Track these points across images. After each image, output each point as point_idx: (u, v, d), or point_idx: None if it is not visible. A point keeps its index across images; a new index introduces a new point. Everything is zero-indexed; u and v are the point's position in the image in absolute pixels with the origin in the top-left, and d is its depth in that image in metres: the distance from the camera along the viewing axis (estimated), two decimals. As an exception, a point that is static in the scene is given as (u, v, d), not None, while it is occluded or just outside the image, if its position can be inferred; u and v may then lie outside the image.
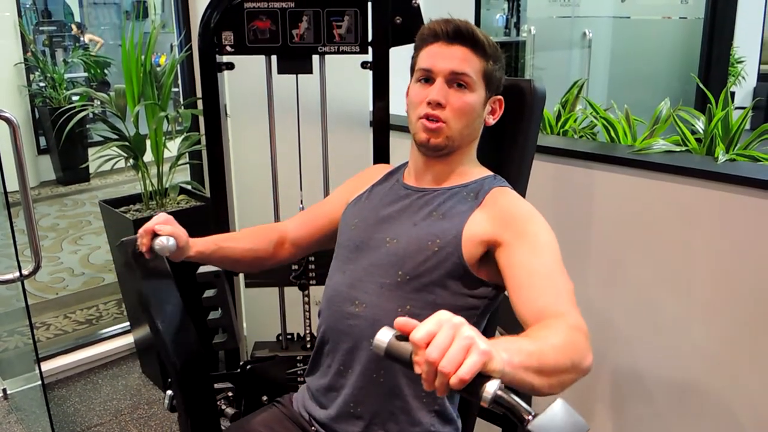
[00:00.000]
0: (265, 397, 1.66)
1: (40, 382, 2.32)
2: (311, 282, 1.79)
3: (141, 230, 1.33)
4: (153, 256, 1.33)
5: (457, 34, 1.26)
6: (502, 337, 0.92)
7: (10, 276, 1.86)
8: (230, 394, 1.61)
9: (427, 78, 1.27)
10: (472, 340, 0.77)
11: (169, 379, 1.46)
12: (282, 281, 1.81)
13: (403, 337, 0.81)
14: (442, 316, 0.80)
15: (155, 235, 1.31)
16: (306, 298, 1.82)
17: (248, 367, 1.70)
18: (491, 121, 1.33)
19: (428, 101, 1.25)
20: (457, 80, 1.25)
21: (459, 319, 0.80)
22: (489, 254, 1.23)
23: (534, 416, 0.76)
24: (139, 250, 1.34)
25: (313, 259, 1.77)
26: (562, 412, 0.76)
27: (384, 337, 0.82)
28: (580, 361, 0.96)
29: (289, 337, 1.86)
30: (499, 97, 1.33)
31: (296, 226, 1.55)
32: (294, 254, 1.56)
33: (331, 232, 1.48)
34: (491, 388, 0.76)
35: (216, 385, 1.59)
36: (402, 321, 0.81)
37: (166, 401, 1.47)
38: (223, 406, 1.58)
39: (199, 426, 1.43)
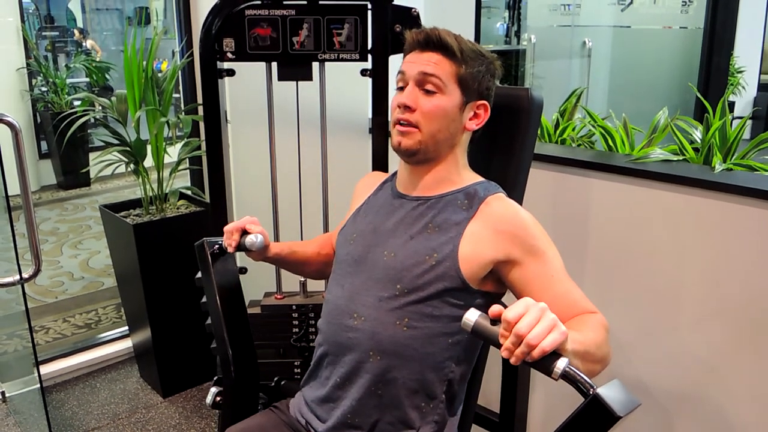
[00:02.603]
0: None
1: (38, 386, 2.33)
2: (312, 344, 1.81)
3: (230, 227, 1.39)
4: (235, 251, 1.40)
5: (427, 41, 1.28)
6: None
7: (10, 279, 1.87)
8: (262, 401, 1.64)
9: (402, 85, 1.30)
10: (555, 321, 0.93)
11: (216, 377, 1.54)
12: (284, 344, 1.85)
13: (490, 319, 0.97)
14: (529, 301, 0.94)
15: (244, 232, 1.37)
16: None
17: (282, 382, 1.78)
18: (473, 126, 1.32)
19: (398, 104, 1.28)
20: (426, 82, 1.26)
21: (543, 304, 0.94)
22: (493, 270, 1.25)
23: (595, 388, 0.89)
24: (218, 250, 1.42)
25: (313, 321, 1.80)
26: (619, 388, 0.90)
27: (472, 316, 0.98)
28: (607, 355, 1.13)
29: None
30: (483, 102, 1.32)
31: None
32: None
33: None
34: (562, 363, 0.91)
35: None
36: (494, 308, 0.96)
37: (210, 398, 1.52)
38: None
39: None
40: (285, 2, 1.67)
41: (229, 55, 1.70)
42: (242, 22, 1.67)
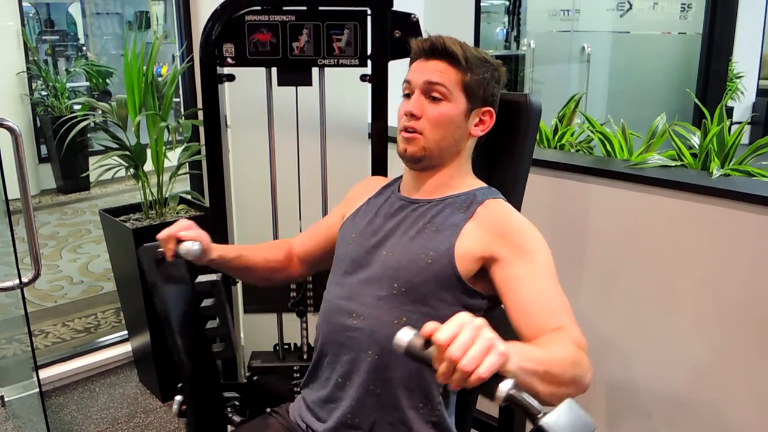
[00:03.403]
0: (268, 409, 1.68)
1: (37, 390, 2.33)
2: (309, 309, 1.81)
3: (163, 235, 1.36)
4: (175, 260, 1.37)
5: (432, 49, 1.30)
6: (513, 342, 0.95)
7: (9, 283, 1.87)
8: (236, 403, 1.62)
9: (408, 93, 1.31)
10: (492, 341, 0.83)
11: (179, 385, 1.50)
12: (280, 307, 1.83)
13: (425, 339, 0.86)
14: (464, 318, 0.84)
15: (179, 240, 1.35)
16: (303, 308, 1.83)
17: (254, 377, 1.75)
18: (479, 132, 1.33)
19: (405, 113, 1.29)
20: (432, 90, 1.28)
21: (479, 321, 0.84)
22: (484, 268, 1.25)
23: (544, 414, 0.80)
24: (161, 256, 1.38)
25: (311, 286, 1.79)
26: (571, 411, 0.80)
27: (404, 336, 0.87)
28: (581, 377, 1.02)
29: (285, 347, 1.86)
30: (488, 108, 1.33)
31: (303, 241, 1.59)
32: (303, 270, 1.60)
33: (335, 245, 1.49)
34: (505, 387, 0.81)
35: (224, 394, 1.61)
36: (427, 326, 0.85)
37: (175, 407, 1.50)
38: (230, 414, 1.59)
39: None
40: (285, 8, 1.68)
41: (229, 60, 1.70)
42: (242, 27, 1.68)
